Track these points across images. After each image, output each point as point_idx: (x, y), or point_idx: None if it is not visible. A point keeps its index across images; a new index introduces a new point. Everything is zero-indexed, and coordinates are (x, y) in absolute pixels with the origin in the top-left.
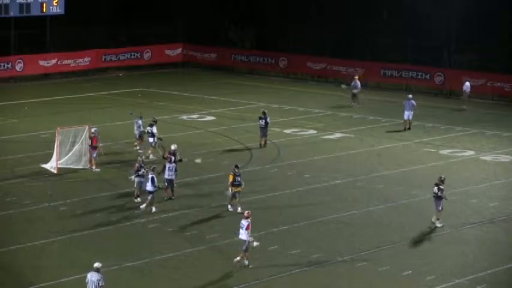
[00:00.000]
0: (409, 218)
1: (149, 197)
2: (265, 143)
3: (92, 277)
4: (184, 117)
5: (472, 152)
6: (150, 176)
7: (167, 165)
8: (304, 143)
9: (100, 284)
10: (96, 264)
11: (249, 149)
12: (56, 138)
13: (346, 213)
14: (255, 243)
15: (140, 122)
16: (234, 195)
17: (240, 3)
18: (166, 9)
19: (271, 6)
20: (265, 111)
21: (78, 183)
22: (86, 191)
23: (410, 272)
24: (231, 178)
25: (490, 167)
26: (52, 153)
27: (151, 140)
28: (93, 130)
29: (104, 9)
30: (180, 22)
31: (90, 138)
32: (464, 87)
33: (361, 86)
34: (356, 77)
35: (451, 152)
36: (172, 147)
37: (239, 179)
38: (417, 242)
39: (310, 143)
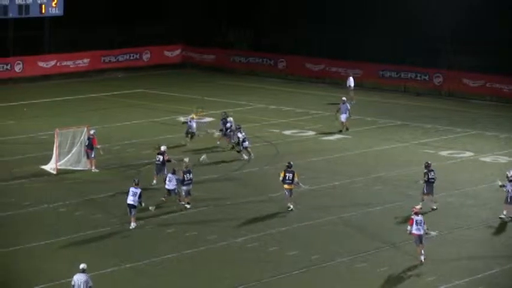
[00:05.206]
0: (408, 219)
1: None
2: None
3: (79, 279)
4: (182, 118)
5: (471, 153)
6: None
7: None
8: (302, 144)
9: (88, 285)
10: (82, 265)
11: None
12: (55, 140)
13: (345, 215)
14: (433, 233)
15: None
16: (290, 194)
17: (238, 4)
18: (164, 10)
19: (269, 7)
20: None
21: (77, 184)
22: (85, 192)
23: (410, 273)
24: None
25: (488, 168)
26: (51, 155)
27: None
28: (92, 131)
29: (102, 11)
30: (178, 23)
31: (89, 139)
32: (348, 82)
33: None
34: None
35: (450, 153)
36: (186, 159)
37: (290, 176)
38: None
39: (309, 144)
